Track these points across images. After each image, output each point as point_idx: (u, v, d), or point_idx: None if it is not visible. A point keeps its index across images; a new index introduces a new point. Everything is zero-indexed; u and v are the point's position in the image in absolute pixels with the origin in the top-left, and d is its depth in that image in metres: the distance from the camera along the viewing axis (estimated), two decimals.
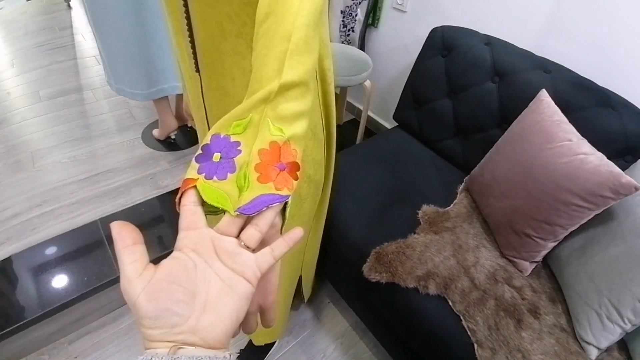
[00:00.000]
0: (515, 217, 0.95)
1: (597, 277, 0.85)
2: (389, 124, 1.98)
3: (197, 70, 0.57)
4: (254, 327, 0.35)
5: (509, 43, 1.22)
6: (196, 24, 0.52)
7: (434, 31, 1.33)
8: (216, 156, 0.33)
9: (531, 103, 1.03)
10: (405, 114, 1.46)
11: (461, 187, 1.23)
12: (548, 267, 1.03)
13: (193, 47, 0.55)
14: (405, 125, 1.48)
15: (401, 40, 1.67)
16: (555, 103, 0.99)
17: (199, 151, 0.33)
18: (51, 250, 1.35)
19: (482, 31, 1.29)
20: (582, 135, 0.93)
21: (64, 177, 1.66)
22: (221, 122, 0.34)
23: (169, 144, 1.89)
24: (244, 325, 0.33)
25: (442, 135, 1.36)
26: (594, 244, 0.89)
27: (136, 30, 1.37)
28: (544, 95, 1.01)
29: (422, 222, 1.10)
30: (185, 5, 0.51)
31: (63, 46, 2.80)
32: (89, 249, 1.37)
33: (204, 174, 0.32)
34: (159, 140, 1.90)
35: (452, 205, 1.16)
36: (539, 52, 1.17)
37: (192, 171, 0.32)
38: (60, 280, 1.25)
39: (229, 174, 0.32)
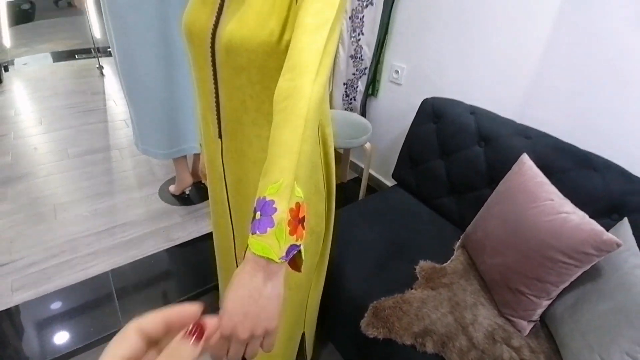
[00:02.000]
0: (508, 274, 0.99)
1: (589, 334, 0.86)
2: (389, 182, 2.09)
3: (220, 137, 0.71)
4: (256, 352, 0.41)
5: (492, 112, 1.35)
6: (223, 102, 0.66)
7: (425, 101, 1.48)
8: (257, 214, 0.41)
9: (514, 165, 1.12)
10: (404, 173, 1.56)
11: (458, 243, 1.27)
12: (547, 327, 1.03)
13: (218, 118, 0.69)
14: (403, 184, 1.57)
15: (398, 108, 1.84)
16: (538, 166, 1.08)
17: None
18: (60, 301, 1.40)
19: (467, 101, 1.43)
20: (566, 195, 1.00)
21: (83, 229, 1.76)
22: (260, 188, 0.44)
23: (183, 199, 2.01)
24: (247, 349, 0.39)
25: (438, 193, 1.44)
26: (585, 301, 0.91)
27: (165, 100, 1.57)
28: (525, 159, 1.10)
29: (419, 277, 1.13)
30: (216, 88, 0.65)
31: (94, 110, 3.07)
32: (98, 300, 1.42)
33: (251, 232, 0.41)
34: (174, 196, 2.02)
35: (449, 261, 1.20)
36: (520, 119, 1.29)
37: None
38: (66, 330, 1.29)
39: (268, 229, 0.40)
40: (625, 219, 0.94)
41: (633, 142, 1.06)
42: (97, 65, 3.71)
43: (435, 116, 1.43)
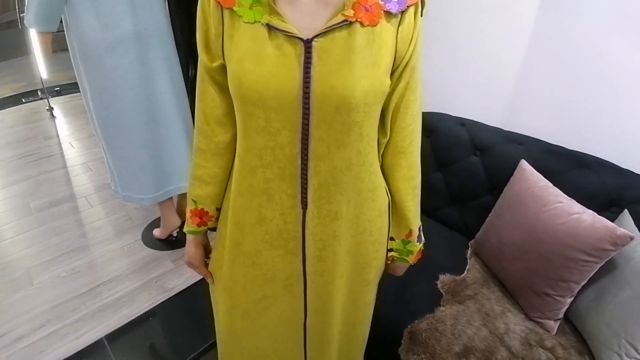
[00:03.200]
0: (533, 279, 1.02)
1: (614, 323, 0.91)
2: None
3: (305, 206, 0.63)
4: None
5: (480, 122, 1.42)
6: (318, 165, 0.60)
7: None
8: (415, 235, 0.77)
9: (515, 172, 1.18)
10: None
11: (469, 252, 1.30)
12: (569, 321, 1.07)
13: (304, 185, 0.61)
14: None
15: None
16: (535, 170, 1.14)
17: None
18: None
19: (453, 114, 1.50)
20: (567, 195, 1.06)
21: (64, 292, 1.59)
22: (413, 221, 0.74)
23: (171, 242, 1.88)
24: None
25: (438, 205, 1.47)
26: (606, 293, 0.97)
27: (148, 141, 1.47)
28: (525, 165, 1.16)
29: (443, 293, 1.14)
30: (305, 152, 0.58)
31: (51, 155, 2.82)
32: None
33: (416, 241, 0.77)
34: (160, 240, 1.89)
35: (465, 271, 1.22)
36: (507, 127, 1.37)
37: None
38: None
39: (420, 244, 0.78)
40: (626, 211, 1.02)
41: (619, 138, 1.15)
42: (47, 107, 3.45)
43: (428, 130, 1.48)
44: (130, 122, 1.42)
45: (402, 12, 0.56)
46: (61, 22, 1.32)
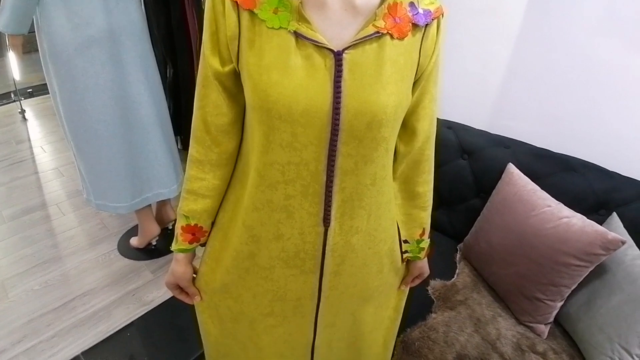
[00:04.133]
0: (523, 283, 1.01)
1: (607, 327, 0.90)
2: None
3: (327, 224, 0.60)
4: None
5: (467, 125, 1.41)
6: (343, 182, 0.57)
7: None
8: (426, 235, 0.78)
9: (503, 175, 1.17)
10: None
11: (458, 256, 1.29)
12: (559, 325, 1.06)
13: (328, 204, 0.58)
14: None
15: None
16: (523, 173, 1.14)
17: None
18: None
19: (440, 117, 1.48)
20: (554, 198, 1.06)
21: (38, 306, 1.50)
22: (425, 224, 0.76)
23: (149, 252, 1.80)
24: None
25: None
26: (597, 297, 0.96)
27: (123, 147, 1.40)
28: (512, 169, 1.15)
29: (434, 299, 1.11)
30: (331, 171, 0.55)
31: (22, 160, 2.69)
32: None
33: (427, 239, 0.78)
34: (138, 249, 1.80)
35: (455, 276, 1.20)
36: (493, 130, 1.36)
37: None
38: None
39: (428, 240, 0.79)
40: (614, 214, 1.02)
41: (605, 140, 1.16)
42: (19, 110, 3.29)
43: None
44: (102, 126, 1.34)
45: (427, 25, 0.55)
46: (32, 22, 1.24)
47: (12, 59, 1.38)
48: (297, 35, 0.50)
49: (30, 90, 3.67)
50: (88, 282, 1.63)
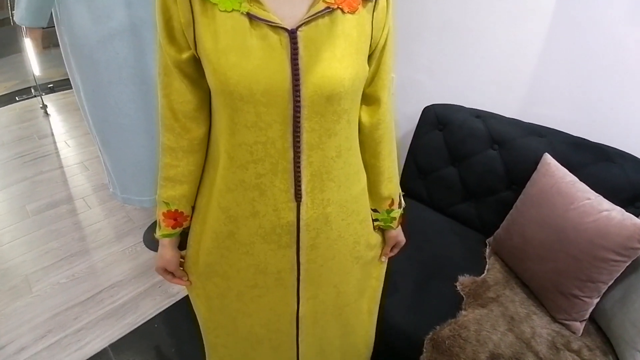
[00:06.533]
0: (560, 280, 0.97)
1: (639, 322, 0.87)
2: None
3: (299, 199, 0.62)
4: None
5: (497, 114, 1.35)
6: (310, 157, 0.59)
7: (427, 109, 1.45)
8: (396, 201, 0.79)
9: (539, 166, 1.11)
10: (412, 184, 1.52)
11: (487, 250, 1.25)
12: (593, 321, 1.02)
13: (297, 179, 0.60)
14: (414, 195, 1.53)
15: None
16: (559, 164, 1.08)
17: None
18: None
19: (467, 106, 1.43)
20: (592, 190, 1.00)
21: (64, 300, 1.53)
22: (394, 191, 0.77)
23: None
24: None
25: (452, 201, 1.41)
26: (632, 292, 0.92)
27: (146, 141, 1.40)
28: (549, 159, 1.10)
29: (464, 296, 1.08)
30: (297, 144, 0.57)
31: (46, 155, 2.75)
32: None
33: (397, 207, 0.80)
34: None
35: (485, 272, 1.17)
36: (525, 118, 1.30)
37: None
38: None
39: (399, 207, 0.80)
40: None
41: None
42: (41, 105, 3.36)
43: (440, 123, 1.41)
44: (127, 120, 1.34)
45: None
46: (52, 16, 1.24)
47: (31, 54, 1.38)
48: (250, 16, 0.50)
49: (51, 85, 3.74)
50: (115, 274, 1.66)
